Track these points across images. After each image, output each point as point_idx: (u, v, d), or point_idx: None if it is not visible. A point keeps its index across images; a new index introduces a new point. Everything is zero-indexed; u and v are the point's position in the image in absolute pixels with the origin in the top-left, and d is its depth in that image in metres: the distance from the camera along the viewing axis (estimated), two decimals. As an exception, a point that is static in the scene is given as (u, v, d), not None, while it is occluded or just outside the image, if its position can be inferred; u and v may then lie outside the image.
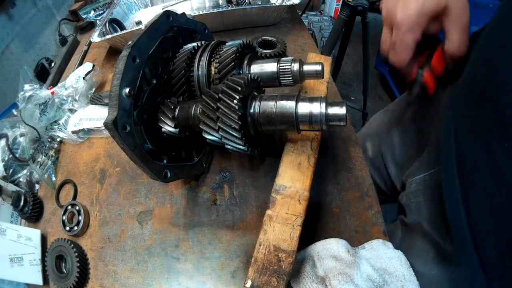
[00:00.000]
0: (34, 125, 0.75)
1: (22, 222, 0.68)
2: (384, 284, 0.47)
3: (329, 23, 2.66)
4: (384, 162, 0.80)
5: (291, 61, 0.52)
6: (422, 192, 0.59)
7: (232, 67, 0.51)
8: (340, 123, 0.41)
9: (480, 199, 0.39)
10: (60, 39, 1.20)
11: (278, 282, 0.41)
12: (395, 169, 0.77)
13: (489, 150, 0.37)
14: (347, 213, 0.56)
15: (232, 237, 0.56)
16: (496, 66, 0.38)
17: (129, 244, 0.59)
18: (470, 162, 0.40)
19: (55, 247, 0.58)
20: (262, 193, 0.60)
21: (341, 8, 1.49)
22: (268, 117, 0.44)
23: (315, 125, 0.42)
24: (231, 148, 0.46)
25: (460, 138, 0.42)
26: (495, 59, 0.39)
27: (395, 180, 0.77)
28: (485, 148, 0.37)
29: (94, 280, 0.57)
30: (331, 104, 0.42)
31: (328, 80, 0.61)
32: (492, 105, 0.38)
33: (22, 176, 0.72)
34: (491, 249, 0.38)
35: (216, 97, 0.44)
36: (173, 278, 0.54)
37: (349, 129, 0.67)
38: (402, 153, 0.74)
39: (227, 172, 0.64)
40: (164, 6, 1.13)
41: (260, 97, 0.46)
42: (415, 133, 0.70)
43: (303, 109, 0.42)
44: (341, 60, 1.86)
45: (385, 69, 2.51)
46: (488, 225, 0.38)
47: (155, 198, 0.64)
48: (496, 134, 0.36)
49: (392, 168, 0.77)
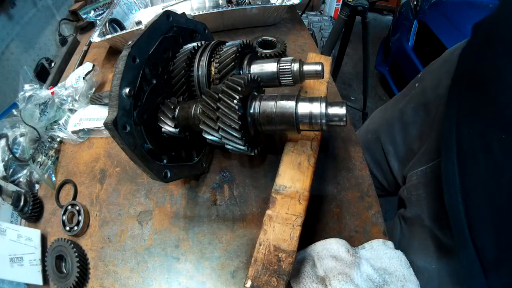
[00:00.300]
0: (34, 125, 0.75)
1: (22, 222, 0.68)
2: (384, 284, 0.47)
3: (329, 23, 2.66)
4: (386, 158, 0.80)
5: (291, 61, 0.52)
6: (422, 185, 0.59)
7: (232, 67, 0.51)
8: (340, 123, 0.41)
9: (478, 193, 0.39)
10: (60, 39, 1.20)
11: (278, 282, 0.41)
12: (397, 163, 0.77)
13: (488, 145, 0.37)
14: (347, 213, 0.56)
15: (232, 237, 0.56)
16: (495, 64, 0.38)
17: (129, 244, 0.59)
18: (470, 158, 0.41)
19: (55, 247, 0.58)
20: (262, 193, 0.60)
21: (341, 8, 1.49)
22: (268, 117, 0.44)
23: (315, 125, 0.42)
24: (231, 148, 0.46)
25: (461, 133, 0.43)
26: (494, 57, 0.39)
27: (397, 175, 0.77)
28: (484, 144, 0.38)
29: (94, 280, 0.57)
30: (331, 104, 0.42)
31: (328, 80, 0.61)
32: (491, 101, 0.38)
33: (22, 176, 0.72)
34: (487, 241, 0.39)
35: (216, 97, 0.44)
36: (173, 278, 0.54)
37: (349, 129, 0.67)
38: (404, 147, 0.74)
39: (227, 172, 0.64)
40: (164, 6, 1.13)
41: (260, 97, 0.46)
42: (416, 127, 0.70)
43: (303, 109, 0.42)
44: (341, 60, 1.86)
45: (385, 69, 2.52)
46: (485, 218, 0.39)
47: (155, 198, 0.64)
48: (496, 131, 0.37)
49: (394, 163, 0.77)
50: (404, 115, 0.74)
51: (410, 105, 0.73)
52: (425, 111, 0.68)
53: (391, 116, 0.80)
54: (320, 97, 0.42)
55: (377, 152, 0.83)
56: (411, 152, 0.70)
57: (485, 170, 0.38)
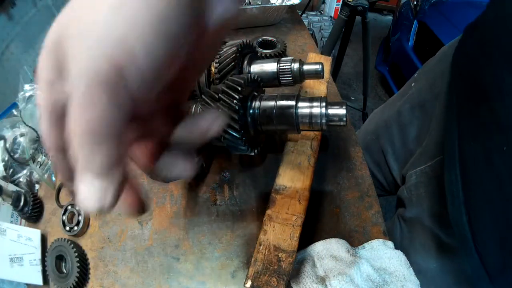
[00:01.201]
0: (34, 125, 0.75)
1: (22, 222, 0.68)
2: (384, 284, 0.47)
3: (329, 23, 2.66)
4: (385, 158, 0.80)
5: (291, 61, 0.52)
6: (423, 184, 0.59)
7: (232, 67, 0.51)
8: (340, 123, 0.41)
9: (482, 204, 0.39)
10: (60, 39, 1.20)
11: (278, 282, 0.41)
12: (396, 164, 0.77)
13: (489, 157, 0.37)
14: (347, 213, 0.56)
15: (232, 237, 0.56)
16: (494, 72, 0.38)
17: (129, 244, 0.59)
18: (473, 170, 0.41)
19: (55, 247, 0.58)
20: (262, 193, 0.60)
21: (341, 8, 1.49)
22: (268, 117, 0.44)
23: (315, 125, 0.42)
24: (230, 148, 0.46)
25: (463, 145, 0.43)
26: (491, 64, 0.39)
27: (396, 176, 0.77)
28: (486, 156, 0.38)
29: (94, 280, 0.57)
30: (331, 104, 0.41)
31: (328, 80, 0.61)
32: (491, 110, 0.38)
33: (22, 176, 0.72)
34: (491, 248, 0.39)
35: (216, 97, 0.44)
36: (173, 278, 0.54)
37: (349, 129, 0.67)
38: (402, 148, 0.74)
39: (227, 172, 0.64)
40: (164, 6, 1.13)
41: (260, 97, 0.46)
42: (414, 127, 0.70)
43: (303, 109, 0.42)
44: (341, 60, 1.86)
45: (385, 69, 2.52)
46: (488, 227, 0.39)
47: (155, 198, 0.64)
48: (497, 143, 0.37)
49: (393, 163, 0.77)
50: (401, 116, 0.75)
51: (406, 105, 0.73)
52: (421, 111, 0.68)
53: (388, 117, 0.80)
54: (320, 97, 0.42)
55: (376, 153, 0.84)
56: (410, 152, 0.70)
57: (487, 182, 0.38)
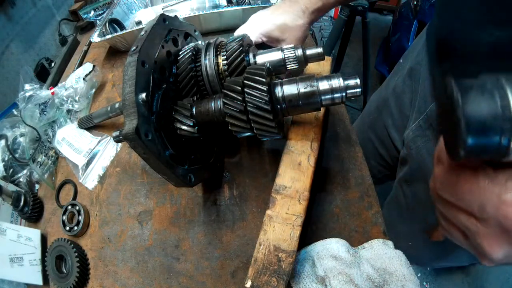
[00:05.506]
0: (34, 125, 0.75)
1: (22, 222, 0.68)
2: (384, 284, 0.47)
3: (329, 23, 2.66)
4: (387, 131, 0.87)
5: (293, 48, 0.55)
6: (419, 137, 0.68)
7: (241, 59, 0.52)
8: (356, 91, 0.46)
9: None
10: (60, 39, 1.20)
11: (278, 282, 0.41)
12: (397, 133, 0.84)
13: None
14: (347, 213, 0.56)
15: (232, 237, 0.56)
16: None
17: (129, 244, 0.59)
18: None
19: (55, 247, 0.58)
20: (262, 193, 0.60)
21: (341, 8, 1.49)
22: (294, 100, 0.46)
23: (337, 99, 0.46)
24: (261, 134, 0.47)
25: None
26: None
27: (398, 146, 0.84)
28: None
29: (94, 280, 0.57)
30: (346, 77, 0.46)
31: (330, 62, 0.66)
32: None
33: (22, 176, 0.72)
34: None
35: (239, 89, 0.45)
36: (173, 278, 0.54)
37: (349, 129, 0.67)
38: (400, 116, 0.82)
39: (227, 172, 0.64)
40: (164, 6, 1.13)
41: (280, 83, 0.48)
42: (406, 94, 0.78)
43: (323, 86, 0.46)
44: (341, 60, 1.86)
45: (385, 69, 2.52)
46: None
47: (155, 198, 0.64)
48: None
49: (395, 133, 0.85)
50: (396, 88, 0.83)
51: (399, 78, 0.81)
52: (410, 79, 0.76)
53: (386, 94, 0.88)
54: (335, 74, 0.46)
55: (379, 129, 0.91)
56: (407, 118, 0.77)
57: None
